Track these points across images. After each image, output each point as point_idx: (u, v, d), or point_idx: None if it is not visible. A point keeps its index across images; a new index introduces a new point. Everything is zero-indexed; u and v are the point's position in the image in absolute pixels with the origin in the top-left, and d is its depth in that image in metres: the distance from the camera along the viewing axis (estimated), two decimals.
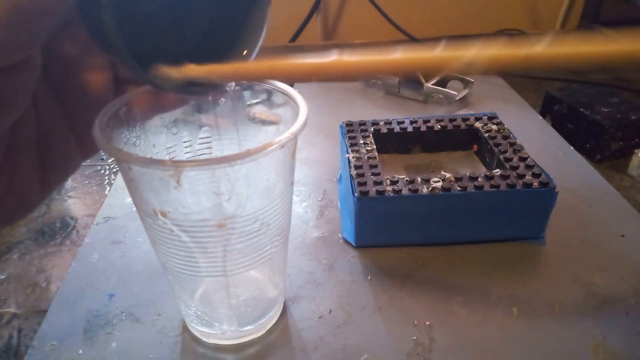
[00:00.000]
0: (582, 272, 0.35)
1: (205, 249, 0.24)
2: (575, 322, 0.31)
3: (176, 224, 0.23)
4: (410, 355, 0.29)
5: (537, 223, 0.37)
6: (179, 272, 0.26)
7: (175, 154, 0.28)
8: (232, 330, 0.29)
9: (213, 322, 0.29)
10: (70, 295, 0.34)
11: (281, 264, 0.30)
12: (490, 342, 0.30)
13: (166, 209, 0.22)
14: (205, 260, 0.25)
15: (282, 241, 0.27)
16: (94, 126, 0.20)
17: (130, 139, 0.24)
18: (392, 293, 0.33)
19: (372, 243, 0.37)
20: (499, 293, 0.33)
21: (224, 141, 0.29)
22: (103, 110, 0.21)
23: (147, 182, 0.22)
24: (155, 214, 0.23)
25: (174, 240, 0.24)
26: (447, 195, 0.34)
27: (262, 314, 0.30)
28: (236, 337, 0.30)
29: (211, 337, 0.30)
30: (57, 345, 0.30)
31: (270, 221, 0.25)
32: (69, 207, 0.49)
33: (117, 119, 0.22)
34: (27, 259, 0.42)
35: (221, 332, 0.30)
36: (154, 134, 0.26)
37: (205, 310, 0.29)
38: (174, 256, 0.25)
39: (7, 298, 0.38)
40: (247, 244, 0.25)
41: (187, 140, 0.28)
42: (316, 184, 0.46)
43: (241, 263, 0.26)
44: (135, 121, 0.24)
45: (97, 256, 0.38)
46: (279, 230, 0.26)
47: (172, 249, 0.25)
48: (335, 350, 0.29)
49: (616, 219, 0.40)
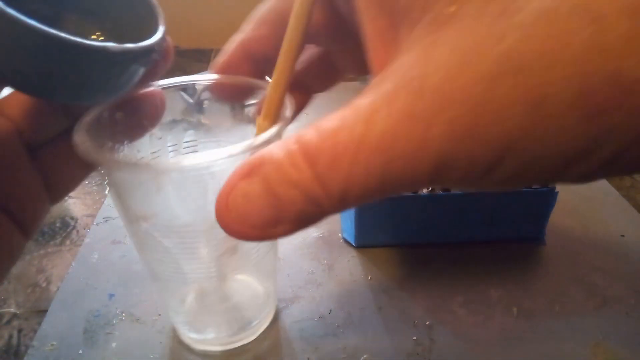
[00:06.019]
0: (582, 272, 0.35)
1: (191, 254, 0.24)
2: (575, 322, 0.31)
3: (158, 230, 0.22)
4: (410, 355, 0.29)
5: (537, 223, 0.37)
6: (165, 278, 0.26)
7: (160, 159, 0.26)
8: (222, 337, 0.29)
9: (201, 329, 0.29)
10: (70, 295, 0.34)
11: (269, 268, 0.29)
12: (490, 342, 0.30)
13: (149, 215, 0.21)
14: (189, 265, 0.24)
15: (269, 245, 0.27)
16: (75, 130, 0.19)
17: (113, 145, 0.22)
18: (392, 293, 0.33)
19: (372, 243, 0.38)
20: (499, 293, 0.33)
21: (209, 144, 0.27)
22: (84, 116, 0.19)
23: (127, 187, 0.21)
24: (137, 221, 0.22)
25: (157, 246, 0.23)
26: (447, 195, 0.34)
27: (252, 318, 0.30)
28: (226, 344, 0.29)
29: (200, 344, 0.30)
30: (57, 345, 0.30)
31: None
32: (69, 207, 0.49)
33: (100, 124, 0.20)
34: (27, 259, 0.42)
35: (211, 338, 0.29)
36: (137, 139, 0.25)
37: (193, 317, 0.29)
38: (159, 262, 0.24)
39: (7, 298, 0.38)
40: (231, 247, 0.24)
41: (172, 144, 0.27)
42: None
43: (227, 267, 0.25)
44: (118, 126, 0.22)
45: (97, 256, 0.38)
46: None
47: (156, 254, 0.24)
48: (335, 350, 0.29)
49: (616, 219, 0.40)
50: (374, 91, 0.12)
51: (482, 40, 0.10)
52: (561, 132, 0.10)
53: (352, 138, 0.11)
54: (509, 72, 0.10)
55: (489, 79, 0.10)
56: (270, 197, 0.12)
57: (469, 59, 0.10)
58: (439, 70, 0.10)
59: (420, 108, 0.10)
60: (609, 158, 0.10)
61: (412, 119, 0.11)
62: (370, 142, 0.11)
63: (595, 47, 0.09)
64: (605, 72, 0.09)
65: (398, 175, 0.11)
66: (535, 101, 0.10)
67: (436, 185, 0.12)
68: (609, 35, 0.09)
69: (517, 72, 0.10)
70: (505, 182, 0.11)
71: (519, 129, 0.10)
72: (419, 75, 0.11)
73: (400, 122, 0.11)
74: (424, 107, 0.10)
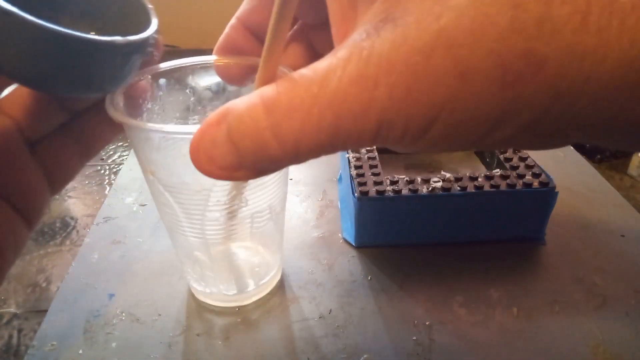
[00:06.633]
0: (582, 272, 0.35)
1: (187, 212, 0.26)
2: (575, 322, 0.31)
3: (163, 184, 0.25)
4: (410, 355, 0.29)
5: (537, 223, 0.37)
6: (171, 230, 0.29)
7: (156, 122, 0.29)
8: (221, 294, 0.32)
9: (203, 283, 0.32)
10: (70, 295, 0.34)
11: (269, 240, 0.31)
12: (490, 342, 0.30)
13: (153, 169, 0.25)
14: (188, 222, 0.27)
15: (268, 218, 0.28)
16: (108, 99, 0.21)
17: (152, 109, 0.26)
18: (392, 293, 0.33)
19: (372, 243, 0.38)
20: (498, 293, 0.33)
21: None
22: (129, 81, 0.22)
23: (136, 143, 0.24)
24: (147, 173, 0.25)
25: (162, 198, 0.26)
26: (447, 195, 0.34)
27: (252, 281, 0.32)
28: (224, 301, 0.32)
29: (203, 296, 0.33)
30: (57, 345, 0.30)
31: (249, 196, 0.25)
32: (69, 207, 0.49)
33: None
34: (27, 259, 0.42)
35: (215, 291, 0.32)
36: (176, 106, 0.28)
37: (196, 271, 0.31)
38: (165, 214, 0.27)
39: (7, 298, 0.38)
40: (223, 213, 0.26)
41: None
42: (316, 184, 0.46)
43: (218, 231, 0.27)
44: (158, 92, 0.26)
45: (97, 256, 0.38)
46: (263, 207, 0.27)
47: (162, 206, 0.27)
48: (335, 350, 0.29)
49: (616, 219, 0.40)
50: (330, 56, 0.13)
51: (423, 18, 0.12)
52: (483, 98, 0.12)
53: (308, 94, 0.13)
54: (443, 46, 0.11)
55: (426, 51, 0.11)
56: (231, 145, 0.14)
57: (410, 33, 0.12)
58: (385, 42, 0.12)
59: (368, 72, 0.12)
60: (527, 124, 0.12)
61: (360, 81, 0.12)
62: (324, 98, 0.13)
63: (514, 27, 0.11)
64: (520, 49, 0.11)
65: (346, 131, 0.13)
66: (462, 71, 0.11)
67: (379, 144, 0.14)
68: (524, 18, 0.11)
69: (450, 46, 0.11)
70: (439, 143, 0.13)
71: (448, 95, 0.12)
72: (369, 46, 0.12)
73: (351, 83, 0.12)
74: (371, 71, 0.12)
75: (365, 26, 0.13)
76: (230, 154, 0.14)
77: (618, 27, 0.10)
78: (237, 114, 0.14)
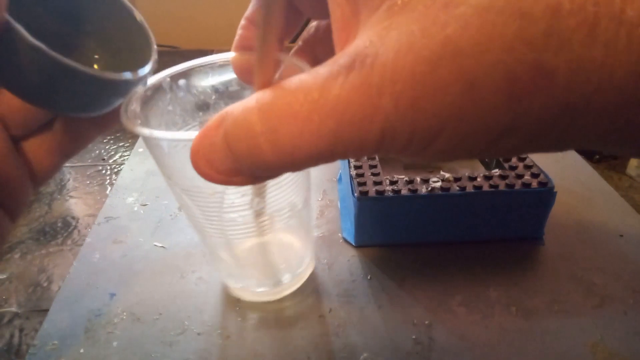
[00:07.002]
0: (581, 271, 0.35)
1: (205, 213, 0.27)
2: (573, 321, 0.31)
3: (179, 187, 0.26)
4: (409, 354, 0.29)
5: (536, 223, 0.37)
6: (198, 231, 0.30)
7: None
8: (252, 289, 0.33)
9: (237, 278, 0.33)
10: (71, 294, 0.34)
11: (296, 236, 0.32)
12: (490, 341, 0.30)
13: (168, 173, 0.25)
14: (208, 223, 0.28)
15: (289, 215, 0.28)
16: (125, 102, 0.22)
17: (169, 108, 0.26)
18: (392, 293, 0.33)
19: (372, 243, 0.38)
20: (498, 292, 0.33)
21: None
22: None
23: (151, 149, 0.25)
24: (165, 176, 0.26)
25: (181, 200, 0.27)
26: (446, 195, 0.35)
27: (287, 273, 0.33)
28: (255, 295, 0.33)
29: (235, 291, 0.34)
30: (58, 344, 0.30)
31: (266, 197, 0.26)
32: (70, 206, 0.49)
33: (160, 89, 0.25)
34: (29, 258, 0.42)
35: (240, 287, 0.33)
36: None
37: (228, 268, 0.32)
38: (189, 216, 0.28)
39: (9, 297, 0.38)
40: (240, 214, 0.26)
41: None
42: (316, 184, 0.46)
43: (237, 231, 0.27)
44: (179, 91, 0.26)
45: (98, 256, 0.38)
46: (283, 204, 0.27)
47: (185, 210, 0.28)
48: (335, 350, 0.29)
49: (615, 219, 0.40)
50: (332, 62, 0.13)
51: (428, 27, 0.11)
52: (490, 109, 0.11)
53: (308, 99, 0.12)
54: (449, 55, 0.11)
55: (432, 60, 0.11)
56: (227, 150, 0.14)
57: (416, 42, 0.11)
58: (389, 51, 0.12)
59: (372, 80, 0.12)
60: (533, 135, 0.12)
61: (364, 89, 0.12)
62: (325, 105, 0.12)
63: (521, 39, 0.10)
64: (529, 61, 0.11)
65: (348, 139, 0.12)
66: (469, 82, 0.11)
67: (381, 153, 0.13)
68: (532, 30, 0.10)
69: (456, 56, 0.11)
70: (445, 153, 0.13)
71: (454, 105, 0.11)
72: (373, 54, 0.12)
73: (354, 90, 0.12)
74: (376, 80, 0.12)
75: (368, 33, 0.13)
76: (227, 159, 0.14)
77: (626, 39, 0.10)
78: (233, 118, 0.14)
